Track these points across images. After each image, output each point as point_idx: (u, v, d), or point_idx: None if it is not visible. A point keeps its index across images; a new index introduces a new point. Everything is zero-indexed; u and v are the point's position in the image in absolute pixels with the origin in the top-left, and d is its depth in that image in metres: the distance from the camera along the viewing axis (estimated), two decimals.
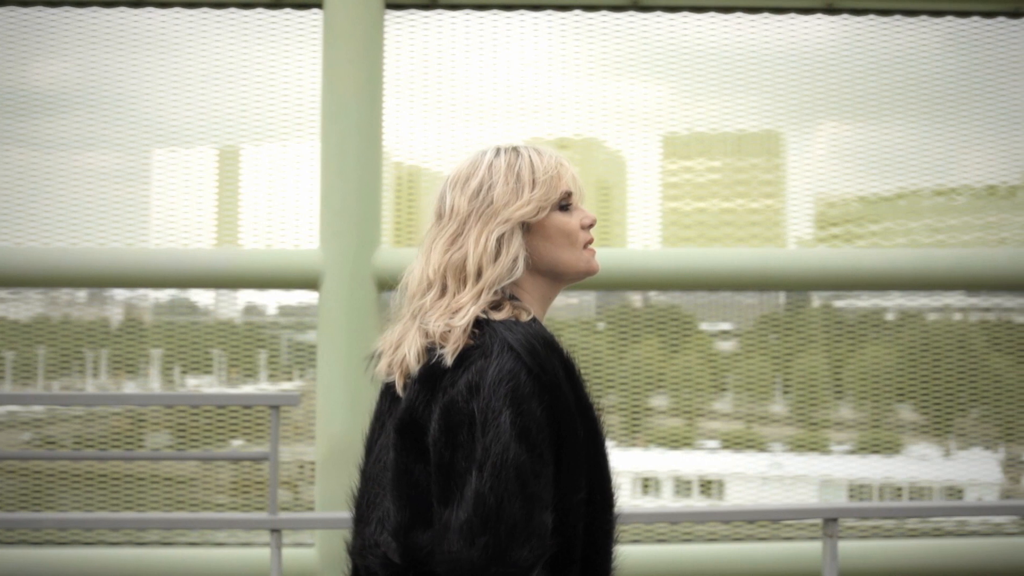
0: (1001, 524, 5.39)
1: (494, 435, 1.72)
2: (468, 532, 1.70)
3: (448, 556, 1.71)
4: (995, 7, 5.21)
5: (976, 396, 5.47)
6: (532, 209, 1.90)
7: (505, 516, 1.70)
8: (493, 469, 1.71)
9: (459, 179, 1.93)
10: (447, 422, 1.76)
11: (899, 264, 5.20)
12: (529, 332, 1.81)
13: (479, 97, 5.26)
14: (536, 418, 1.74)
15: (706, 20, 5.23)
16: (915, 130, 5.47)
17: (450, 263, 1.88)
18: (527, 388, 1.75)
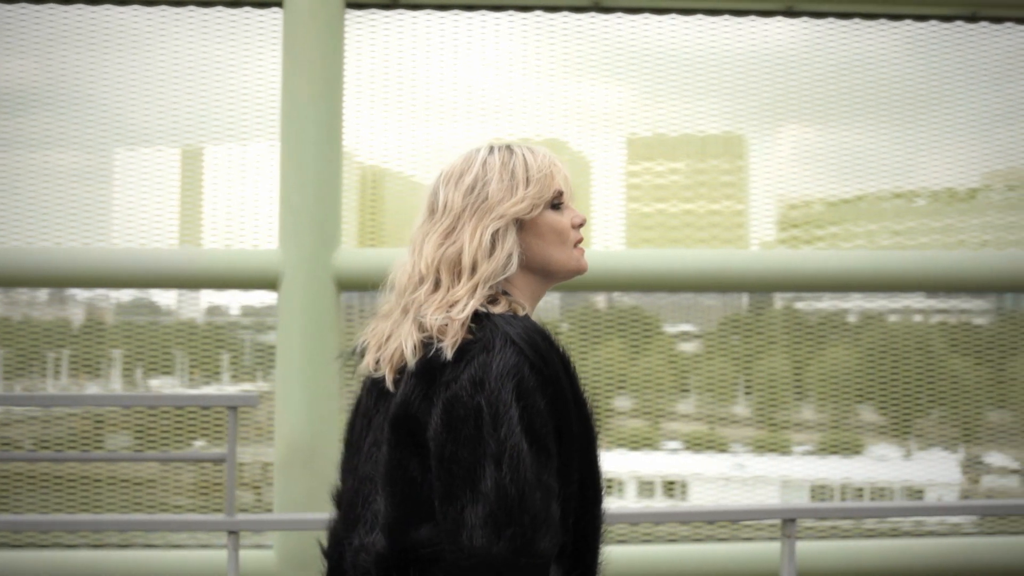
0: (959, 524, 5.42)
1: (508, 428, 1.71)
2: (493, 525, 1.69)
3: (471, 551, 1.70)
4: (952, 11, 5.25)
5: (936, 397, 5.50)
6: (526, 206, 1.92)
7: (528, 507, 1.70)
8: (511, 461, 1.70)
9: (453, 175, 1.94)
10: (450, 417, 1.75)
11: (859, 265, 5.22)
12: (529, 326, 1.81)
13: (442, 98, 5.25)
14: (541, 411, 1.75)
15: (667, 22, 5.23)
16: (876, 133, 5.50)
17: (444, 257, 1.88)
18: (531, 382, 1.75)
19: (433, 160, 5.31)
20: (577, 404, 1.84)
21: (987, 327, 5.66)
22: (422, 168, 5.37)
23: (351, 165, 5.54)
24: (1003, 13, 5.28)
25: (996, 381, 5.57)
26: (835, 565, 4.94)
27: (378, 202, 5.58)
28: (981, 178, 5.74)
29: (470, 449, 1.72)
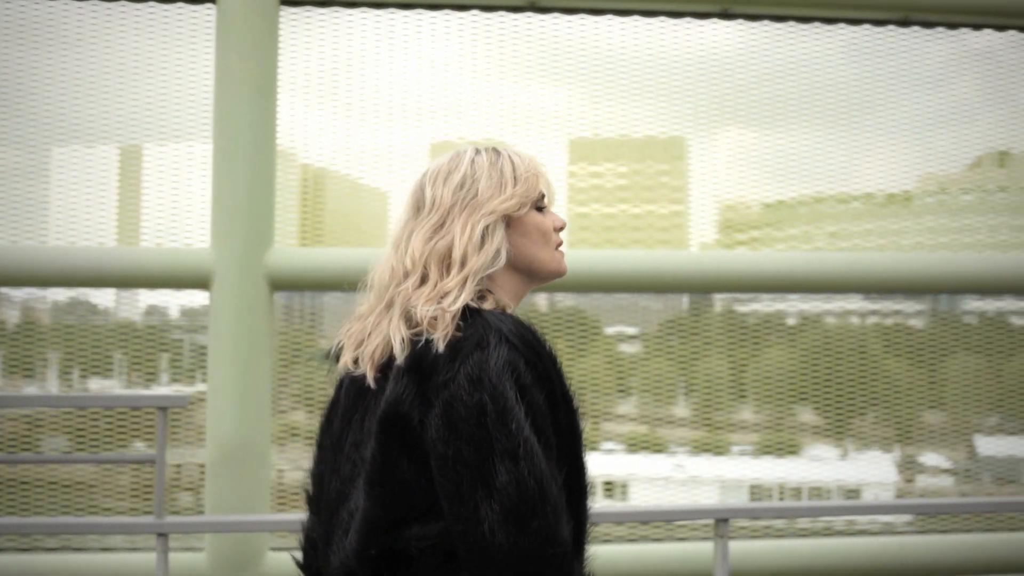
0: (891, 523, 5.47)
1: (517, 423, 1.71)
2: (516, 520, 1.69)
3: (494, 547, 1.69)
4: (885, 16, 5.31)
5: (872, 398, 5.55)
6: (515, 203, 1.94)
7: (549, 498, 1.70)
8: (526, 455, 1.71)
9: (439, 174, 1.95)
10: (451, 417, 1.74)
11: (796, 267, 5.26)
12: (518, 322, 1.82)
13: (383, 98, 5.23)
14: (539, 405, 1.76)
15: (604, 23, 5.24)
16: (813, 136, 5.54)
17: (434, 251, 1.89)
18: (528, 377, 1.75)
19: (374, 160, 5.29)
20: (564, 400, 1.84)
21: (922, 329, 5.72)
22: (363, 169, 5.35)
23: (292, 165, 5.51)
24: (934, 18, 5.35)
25: (930, 382, 5.62)
26: (769, 565, 4.97)
27: (320, 202, 5.56)
28: (916, 182, 5.80)
29: (476, 447, 1.72)
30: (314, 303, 5.49)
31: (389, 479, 1.81)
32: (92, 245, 5.16)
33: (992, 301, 5.73)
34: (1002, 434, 5.69)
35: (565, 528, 1.72)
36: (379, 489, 1.81)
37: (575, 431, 1.86)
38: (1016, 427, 5.67)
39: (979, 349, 5.66)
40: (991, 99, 5.73)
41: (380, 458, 1.82)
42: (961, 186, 5.80)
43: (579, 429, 1.87)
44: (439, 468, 1.75)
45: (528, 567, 1.68)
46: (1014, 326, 5.76)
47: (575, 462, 1.85)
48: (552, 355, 1.83)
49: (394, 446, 1.81)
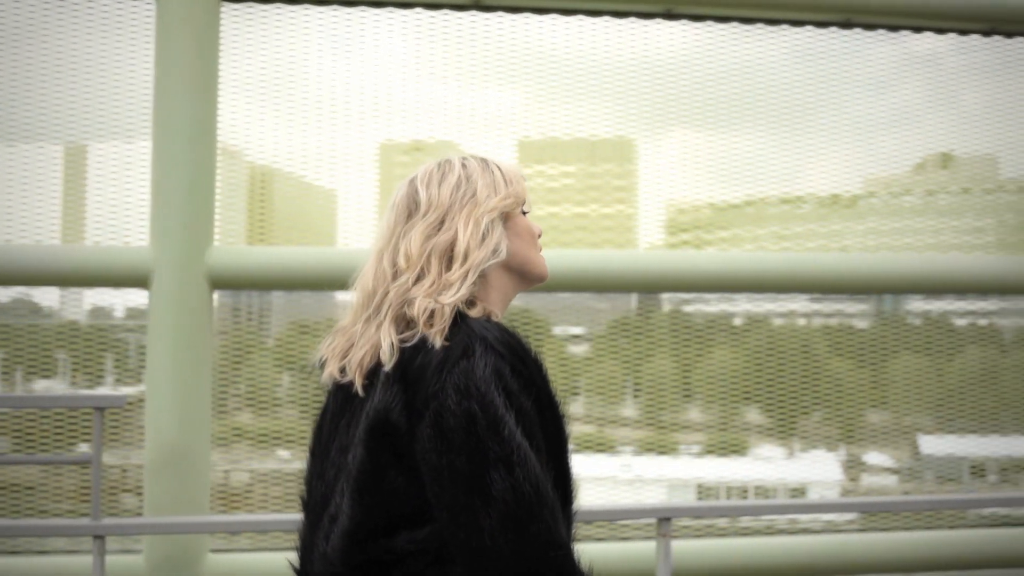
0: (832, 521, 5.54)
1: (508, 430, 1.74)
2: (516, 526, 1.71)
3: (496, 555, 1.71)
4: (827, 17, 5.37)
5: (818, 398, 5.62)
6: (512, 202, 2.00)
7: (546, 502, 1.74)
8: (520, 461, 1.73)
9: (432, 177, 2.01)
10: (441, 428, 1.75)
11: (743, 266, 5.31)
12: (503, 329, 1.85)
13: (331, 97, 5.23)
14: (527, 411, 1.79)
15: (548, 22, 5.26)
16: (762, 139, 5.60)
17: (435, 246, 1.92)
18: (514, 384, 1.78)
19: (322, 160, 5.29)
20: (550, 406, 1.87)
21: (867, 330, 5.80)
22: (311, 168, 5.35)
23: (239, 164, 5.50)
24: (875, 20, 5.41)
25: (875, 382, 5.70)
26: (712, 563, 5.02)
27: (267, 201, 5.55)
28: (861, 184, 5.88)
29: (468, 456, 1.74)
30: (261, 302, 5.48)
31: (377, 486, 1.83)
32: (29, 243, 5.12)
33: (935, 302, 5.82)
34: (944, 433, 5.78)
35: (564, 529, 1.76)
36: (366, 497, 1.84)
37: (561, 436, 1.89)
38: (958, 427, 5.76)
39: (922, 349, 5.75)
40: (935, 102, 5.82)
41: (368, 465, 1.84)
42: (905, 188, 5.89)
43: (564, 435, 1.91)
44: (433, 479, 1.77)
45: (530, 571, 1.71)
46: (956, 327, 5.85)
47: (561, 467, 1.89)
48: (538, 361, 1.87)
49: (383, 454, 1.83)
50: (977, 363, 5.78)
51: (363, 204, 5.40)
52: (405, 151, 5.80)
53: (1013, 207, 6.00)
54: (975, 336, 5.84)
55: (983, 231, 5.92)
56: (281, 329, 5.52)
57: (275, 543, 4.97)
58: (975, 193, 5.93)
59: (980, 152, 5.91)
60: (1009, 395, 5.74)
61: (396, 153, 5.76)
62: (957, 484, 5.79)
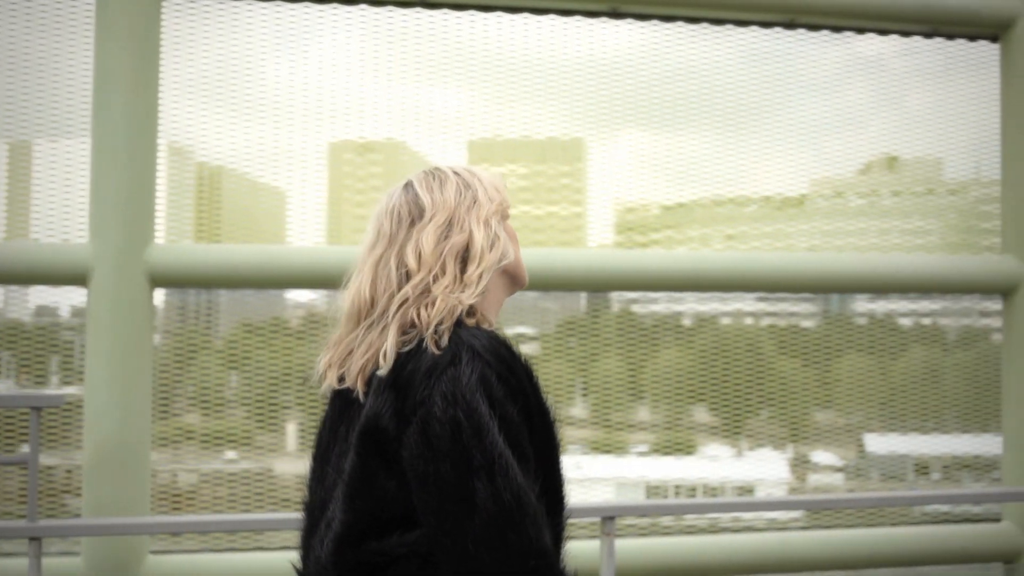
0: (775, 519, 5.63)
1: (491, 438, 1.76)
2: (497, 534, 1.73)
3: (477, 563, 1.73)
4: (771, 18, 5.44)
5: (765, 398, 5.70)
6: (507, 206, 2.05)
7: (527, 510, 1.75)
8: (501, 470, 1.75)
9: (431, 182, 2.02)
10: (427, 435, 1.78)
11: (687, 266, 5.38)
12: (494, 338, 1.87)
13: (281, 96, 5.24)
14: (513, 419, 1.81)
15: (493, 20, 5.30)
16: (711, 140, 5.68)
17: (451, 247, 1.94)
18: (500, 392, 1.80)
19: (272, 159, 5.30)
20: (540, 413, 1.90)
21: (813, 329, 5.90)
22: (261, 167, 5.36)
23: (188, 163, 5.50)
24: (819, 21, 5.49)
25: (822, 382, 5.80)
26: (656, 562, 5.08)
27: (216, 200, 5.56)
28: (809, 185, 5.98)
29: (453, 464, 1.76)
30: (209, 302, 5.49)
31: (367, 491, 1.86)
32: None
33: (880, 302, 5.93)
34: (889, 432, 5.89)
35: (546, 538, 1.77)
36: (357, 501, 1.86)
37: (552, 443, 1.92)
38: (902, 425, 5.87)
39: (868, 349, 5.86)
40: (880, 105, 5.94)
41: (359, 470, 1.87)
42: (852, 190, 6.00)
43: (556, 441, 1.93)
44: (419, 485, 1.79)
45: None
46: (901, 327, 5.97)
47: (552, 473, 1.91)
48: (527, 368, 1.89)
49: (372, 459, 1.85)
50: (921, 362, 5.90)
51: (312, 203, 5.42)
52: (355, 150, 5.83)
53: (956, 208, 6.13)
54: (919, 336, 5.97)
55: (927, 232, 6.04)
56: (228, 329, 5.52)
57: (217, 544, 4.97)
58: (919, 195, 6.05)
59: (924, 154, 6.04)
60: (952, 394, 5.86)
61: (345, 152, 5.79)
62: (901, 482, 5.90)
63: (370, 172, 5.83)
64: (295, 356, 5.35)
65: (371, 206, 6.47)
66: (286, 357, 5.35)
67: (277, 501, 5.24)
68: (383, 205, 2.04)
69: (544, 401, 1.92)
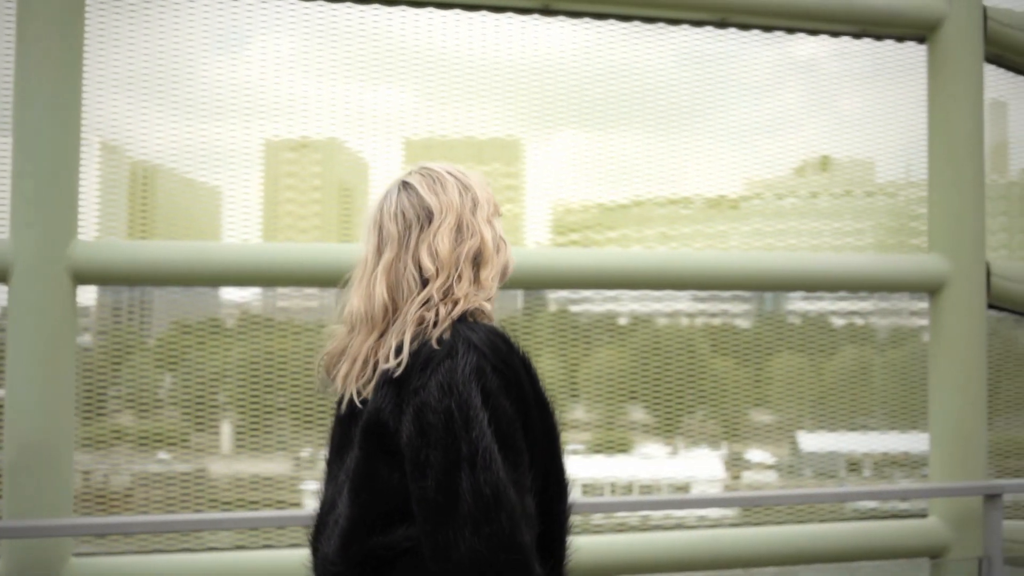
0: (705, 516, 5.78)
1: (479, 431, 1.84)
2: (472, 525, 1.80)
3: (454, 552, 1.80)
4: (702, 16, 5.54)
5: (701, 397, 5.83)
6: (499, 205, 2.15)
7: (504, 504, 1.81)
8: (484, 462, 1.82)
9: (431, 183, 2.10)
10: (421, 423, 1.86)
11: (624, 264, 5.48)
12: (491, 331, 1.97)
13: (215, 93, 5.26)
14: (507, 411, 1.89)
15: (424, 16, 5.33)
16: (646, 140, 5.78)
17: (468, 250, 2.04)
18: (495, 383, 1.89)
19: (207, 157, 5.33)
20: (539, 404, 1.98)
21: (748, 329, 6.06)
22: (195, 165, 5.39)
23: (121, 160, 5.52)
24: (750, 20, 5.60)
25: (756, 381, 5.96)
26: (589, 560, 5.18)
27: (150, 197, 5.58)
28: (743, 186, 6.14)
29: (443, 453, 1.84)
30: (142, 301, 5.51)
31: (370, 485, 1.94)
32: None
33: (814, 302, 6.11)
34: (822, 430, 6.07)
35: (524, 534, 1.84)
36: (362, 495, 1.95)
37: (551, 434, 2.02)
38: (835, 423, 6.05)
39: (801, 348, 6.02)
40: (814, 106, 6.11)
41: (363, 465, 1.96)
42: (786, 191, 6.17)
43: (556, 431, 2.03)
44: (411, 473, 1.88)
45: (483, 572, 1.79)
46: (834, 326, 6.15)
47: (553, 464, 2.01)
48: (525, 361, 1.99)
49: (375, 453, 1.94)
50: (853, 361, 6.09)
51: (248, 202, 5.46)
52: (292, 148, 5.89)
53: (890, 210, 6.33)
54: (851, 335, 6.15)
55: (860, 232, 6.23)
56: (163, 329, 5.54)
57: (143, 545, 4.98)
58: (853, 196, 6.24)
59: (857, 156, 6.23)
60: (883, 392, 6.06)
61: (282, 150, 5.84)
62: (834, 479, 6.08)
63: (307, 170, 5.89)
64: (230, 356, 5.40)
65: (309, 204, 6.41)
66: (221, 357, 5.39)
67: (213, 502, 5.28)
68: (383, 207, 2.11)
69: (543, 393, 2.01)
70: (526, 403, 1.95)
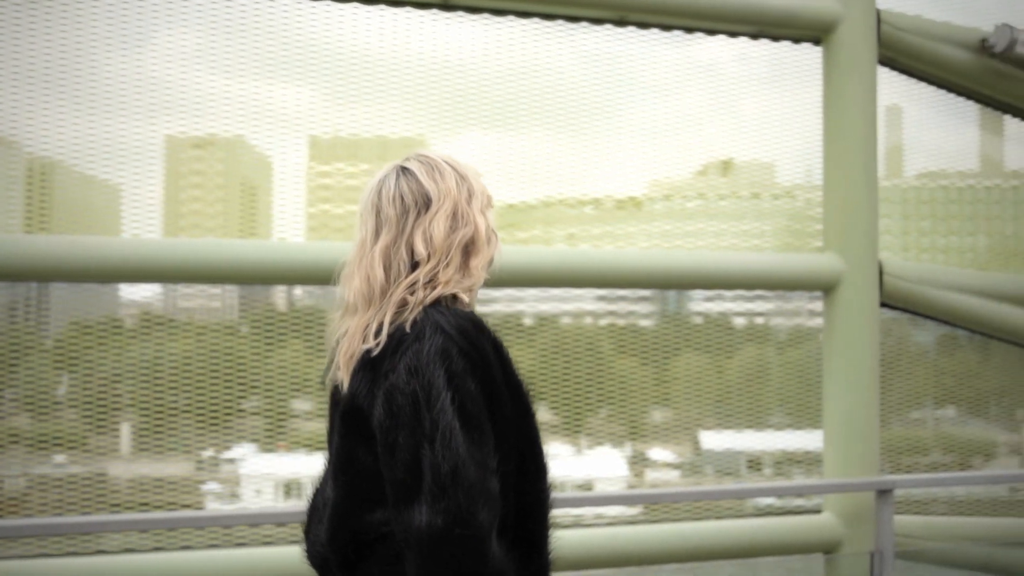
0: (602, 514, 6.00)
1: (440, 409, 1.94)
2: (430, 501, 1.90)
3: (413, 529, 1.91)
4: (601, 14, 5.68)
5: (604, 396, 6.02)
6: (491, 197, 2.27)
7: (461, 481, 1.90)
8: (443, 440, 1.92)
9: (427, 172, 2.19)
10: (390, 405, 1.97)
11: (529, 262, 5.59)
12: (460, 314, 2.07)
13: (115, 89, 5.24)
14: (471, 392, 1.98)
15: (330, 11, 5.39)
16: (551, 140, 5.93)
17: (459, 238, 2.15)
18: (460, 365, 1.98)
19: (107, 153, 5.35)
20: (511, 386, 2.09)
21: (651, 329, 6.29)
22: (95, 161, 5.38)
23: (18, 155, 5.55)
24: (648, 19, 5.75)
25: (659, 380, 6.17)
26: None
27: (47, 193, 5.59)
28: (646, 187, 6.37)
29: (409, 432, 1.95)
30: (39, 299, 5.53)
31: (351, 468, 2.07)
32: None
33: (717, 302, 6.37)
34: (723, 429, 6.33)
35: (481, 511, 1.91)
36: (343, 478, 2.08)
37: (527, 414, 2.13)
38: (736, 422, 6.31)
39: (703, 348, 6.27)
40: (716, 109, 6.36)
41: (343, 450, 2.09)
42: (688, 192, 6.42)
43: (530, 411, 2.15)
44: (382, 455, 2.00)
45: (439, 546, 1.90)
46: (735, 326, 6.42)
47: (529, 444, 2.12)
48: (496, 344, 2.10)
49: (353, 438, 2.07)
50: (753, 361, 6.36)
51: (148, 198, 5.50)
52: (194, 145, 5.97)
53: (791, 212, 6.62)
54: (751, 335, 6.43)
55: (760, 234, 6.51)
56: (60, 328, 5.55)
57: (28, 550, 4.93)
58: (754, 198, 6.52)
59: (757, 158, 6.51)
60: (782, 391, 6.33)
61: (183, 147, 5.92)
62: (735, 477, 6.35)
63: (209, 167, 5.97)
64: (130, 355, 5.44)
65: (212, 203, 6.49)
66: (121, 356, 5.43)
67: (111, 505, 5.33)
68: (381, 191, 2.20)
69: (516, 376, 2.13)
70: (495, 385, 2.04)
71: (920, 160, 7.02)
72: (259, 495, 5.80)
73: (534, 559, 2.14)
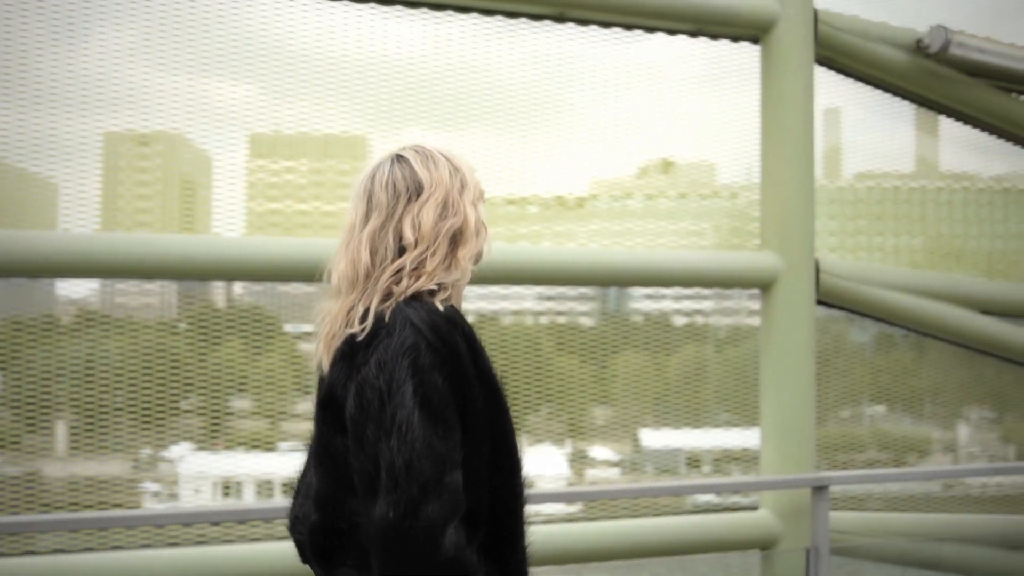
0: (538, 512, 6.12)
1: (399, 402, 2.00)
2: (385, 493, 1.97)
3: (373, 521, 1.98)
4: (540, 10, 5.76)
5: (545, 395, 6.14)
6: (483, 190, 2.32)
7: (414, 474, 1.96)
8: (399, 433, 1.98)
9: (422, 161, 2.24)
10: (361, 399, 2.04)
11: None
12: (431, 309, 2.11)
13: (52, 84, 5.23)
14: (438, 387, 2.03)
15: (260, 5, 5.46)
16: (492, 139, 6.00)
17: (448, 227, 2.20)
18: (427, 359, 2.03)
19: (42, 149, 5.37)
20: (485, 380, 2.15)
21: (592, 328, 6.43)
22: (30, 156, 5.39)
23: None
24: (587, 16, 5.85)
25: (599, 378, 6.31)
26: None
27: None
28: (589, 187, 6.52)
29: (376, 426, 2.02)
30: None
31: (328, 457, 2.14)
32: None
33: (657, 301, 6.52)
34: (663, 427, 6.48)
35: (433, 505, 1.96)
36: (321, 467, 2.15)
37: (501, 408, 2.19)
38: (675, 420, 6.47)
39: (644, 346, 6.42)
40: (657, 108, 6.50)
41: (321, 439, 2.16)
42: (629, 192, 6.57)
43: (505, 405, 2.20)
44: (352, 448, 2.07)
45: (391, 538, 1.96)
46: (675, 324, 6.58)
47: (502, 438, 2.17)
48: (469, 338, 2.15)
49: (331, 427, 2.14)
50: (693, 359, 6.52)
51: (85, 195, 5.51)
52: (132, 141, 6.02)
53: (729, 212, 6.79)
54: (691, 333, 6.59)
55: (701, 233, 6.68)
56: None
57: None
58: (694, 197, 6.69)
59: (699, 158, 6.67)
60: (722, 389, 6.50)
61: (122, 144, 5.96)
62: (674, 475, 6.50)
63: (149, 163, 6.02)
64: (65, 353, 5.47)
65: (150, 198, 6.51)
66: (55, 354, 5.45)
67: (45, 505, 5.36)
68: (374, 177, 2.24)
69: (490, 371, 2.19)
70: (466, 380, 2.08)
71: (857, 160, 7.22)
72: (197, 494, 5.84)
73: (509, 554, 2.19)
